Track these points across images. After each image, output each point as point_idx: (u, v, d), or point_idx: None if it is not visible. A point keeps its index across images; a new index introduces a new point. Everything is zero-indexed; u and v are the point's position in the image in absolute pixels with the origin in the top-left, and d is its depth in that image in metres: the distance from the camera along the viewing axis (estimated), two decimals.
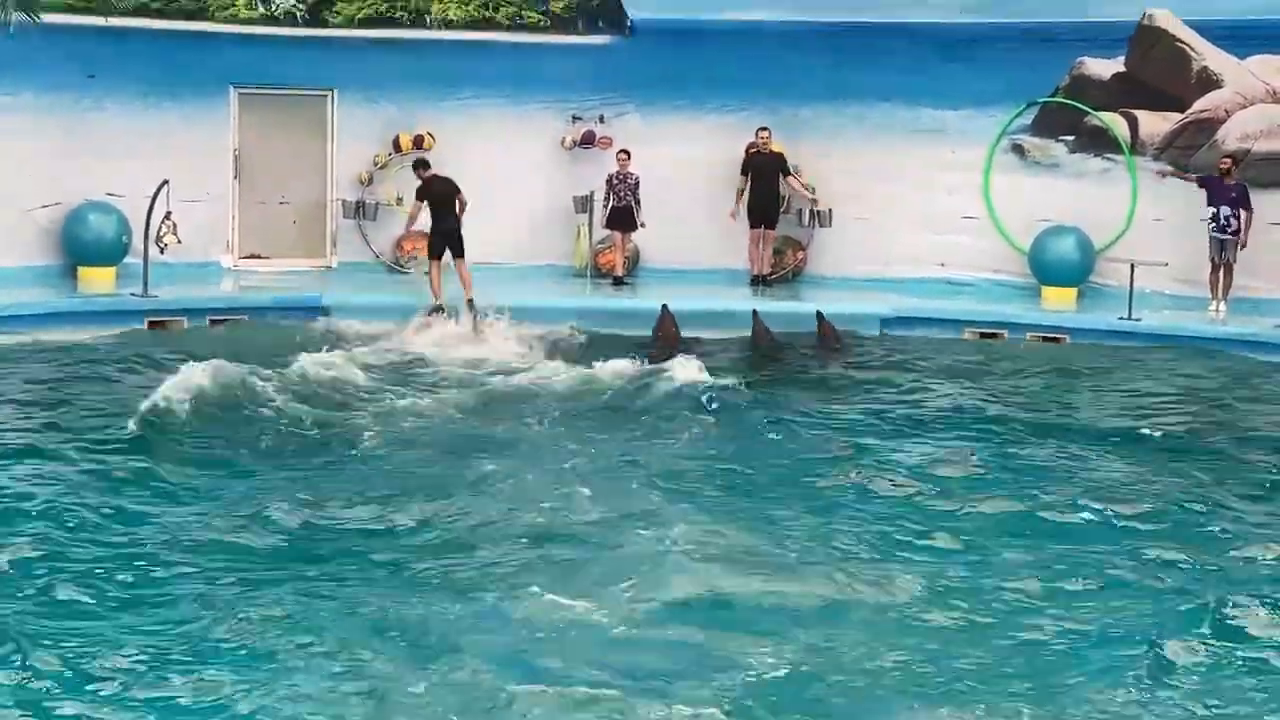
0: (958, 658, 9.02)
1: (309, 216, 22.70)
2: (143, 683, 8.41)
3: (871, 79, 22.65)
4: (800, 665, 8.81)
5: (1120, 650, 9.08)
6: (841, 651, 9.03)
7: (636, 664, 8.79)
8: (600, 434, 14.46)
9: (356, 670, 8.63)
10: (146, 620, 9.27)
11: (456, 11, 22.97)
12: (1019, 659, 9.01)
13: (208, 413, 14.28)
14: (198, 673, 8.52)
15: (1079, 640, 9.30)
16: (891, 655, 9.03)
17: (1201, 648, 9.09)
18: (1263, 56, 21.13)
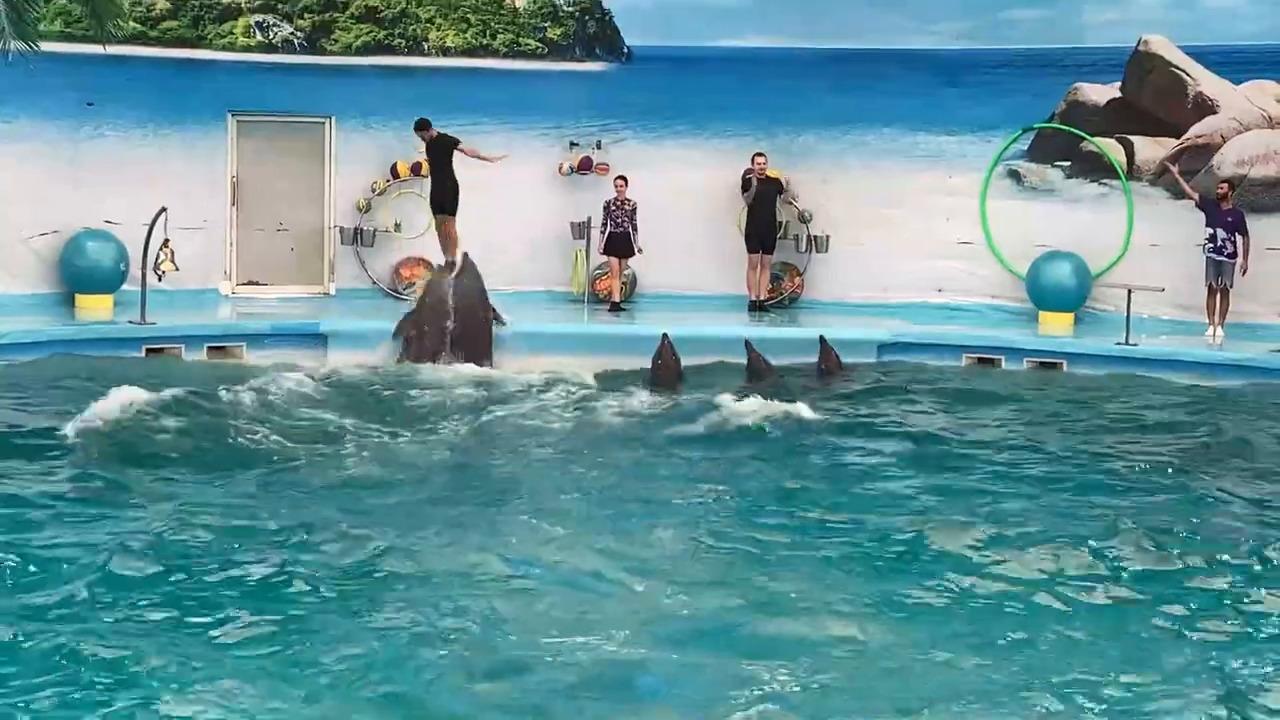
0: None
1: (307, 243, 22.73)
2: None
3: (869, 105, 22.74)
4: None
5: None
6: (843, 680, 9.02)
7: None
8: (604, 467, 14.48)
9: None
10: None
11: (454, 38, 23.04)
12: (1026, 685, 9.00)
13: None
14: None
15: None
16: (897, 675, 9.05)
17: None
18: (1258, 82, 21.19)
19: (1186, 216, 20.83)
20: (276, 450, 14.43)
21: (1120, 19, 21.76)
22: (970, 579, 10.81)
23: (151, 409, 14.99)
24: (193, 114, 21.94)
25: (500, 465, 14.34)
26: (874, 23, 22.65)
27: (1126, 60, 21.84)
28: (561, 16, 23.29)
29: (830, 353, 19.36)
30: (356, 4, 22.74)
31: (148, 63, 21.78)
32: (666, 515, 12.45)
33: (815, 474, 14.08)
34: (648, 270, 22.57)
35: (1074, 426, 16.42)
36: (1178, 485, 13.68)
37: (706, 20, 22.92)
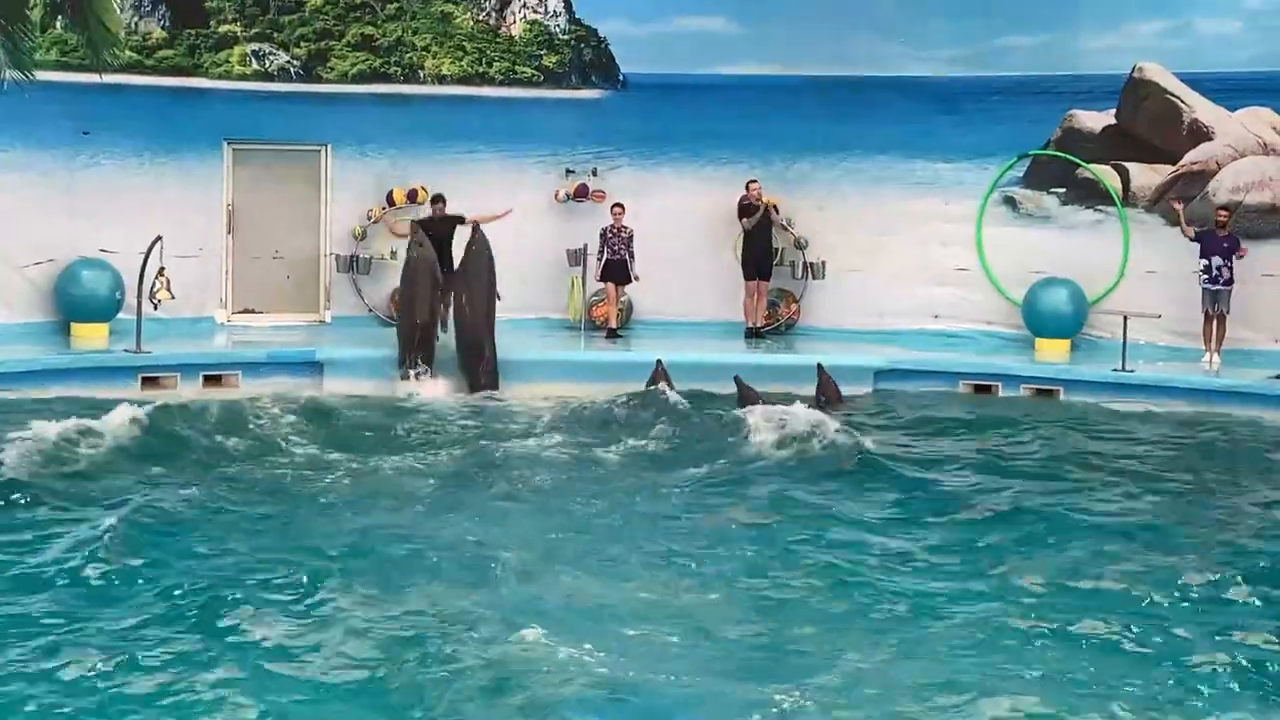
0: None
1: (303, 271, 22.72)
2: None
3: (864, 132, 22.77)
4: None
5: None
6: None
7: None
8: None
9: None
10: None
11: (450, 67, 23.07)
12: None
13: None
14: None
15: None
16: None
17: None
18: (1253, 109, 21.22)
19: (1182, 243, 20.84)
20: (272, 476, 14.44)
21: (1115, 46, 21.79)
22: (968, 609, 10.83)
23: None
24: (188, 142, 21.95)
25: (501, 495, 14.25)
26: (869, 50, 22.69)
27: (1121, 87, 21.87)
28: (557, 44, 23.33)
29: (829, 382, 19.26)
30: (352, 32, 22.77)
31: (144, 91, 21.80)
32: (669, 545, 12.42)
33: (819, 506, 14.00)
34: (644, 297, 22.57)
35: (1068, 453, 16.39)
36: (1173, 512, 13.65)
37: (701, 48, 22.96)
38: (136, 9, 21.85)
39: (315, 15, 22.67)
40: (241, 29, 22.41)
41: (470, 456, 15.77)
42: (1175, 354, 20.76)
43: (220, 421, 16.37)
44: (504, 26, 23.35)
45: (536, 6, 23.32)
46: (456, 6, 23.25)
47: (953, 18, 22.56)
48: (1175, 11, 21.67)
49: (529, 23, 23.30)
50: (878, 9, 22.74)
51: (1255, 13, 21.25)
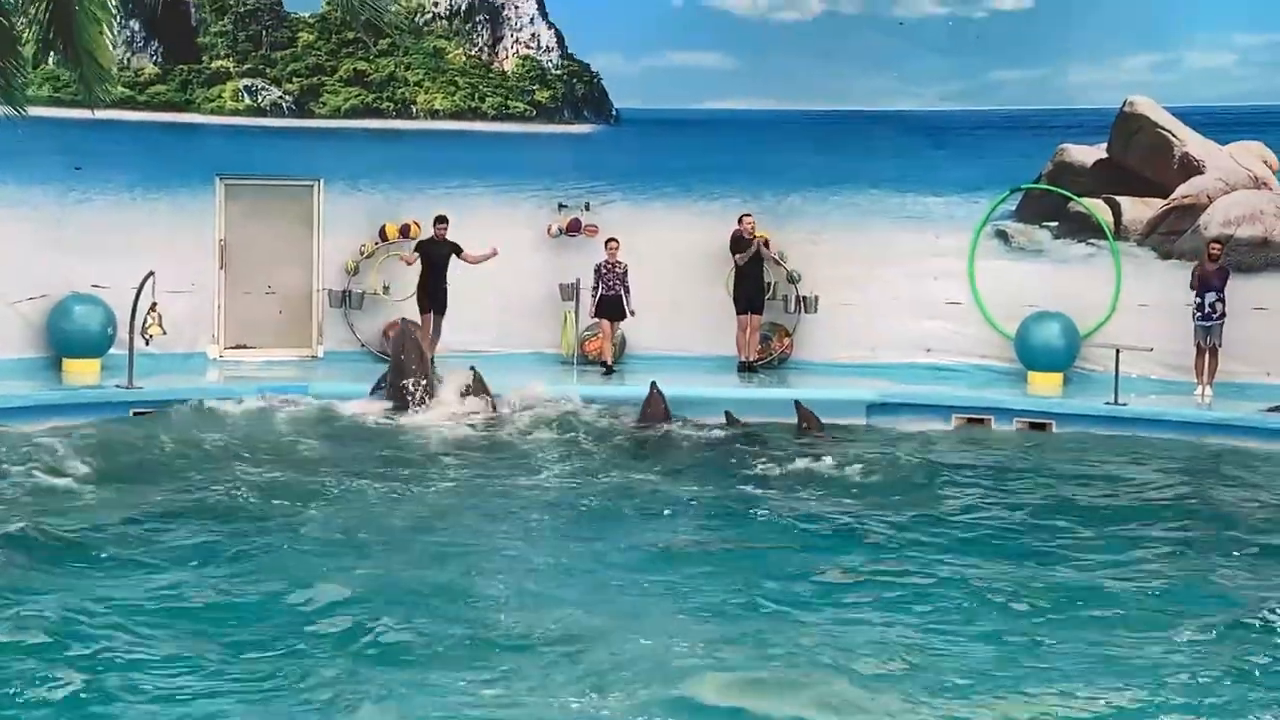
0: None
1: (295, 306, 22.74)
2: None
3: (856, 166, 22.83)
4: None
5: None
6: None
7: None
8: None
9: None
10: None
11: (442, 102, 23.11)
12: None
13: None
14: None
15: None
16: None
17: None
18: (1244, 142, 21.26)
19: (1175, 276, 20.91)
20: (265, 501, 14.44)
21: (1106, 80, 21.84)
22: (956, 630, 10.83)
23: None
24: (181, 177, 22.02)
25: (504, 521, 14.24)
26: (860, 84, 22.76)
27: (1112, 121, 21.92)
28: (550, 79, 23.38)
29: (807, 413, 19.26)
30: (345, 68, 22.82)
31: (136, 127, 21.87)
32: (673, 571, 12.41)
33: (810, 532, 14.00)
34: (636, 332, 22.56)
35: (1062, 487, 16.37)
36: (1161, 550, 13.63)
37: (693, 83, 23.00)
38: (129, 45, 21.93)
39: (308, 51, 22.72)
40: (234, 64, 22.47)
41: (468, 488, 15.77)
42: (1168, 387, 20.73)
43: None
44: (496, 62, 23.41)
45: (529, 42, 23.38)
46: (449, 42, 23.32)
47: (944, 52, 22.64)
48: (1166, 46, 21.72)
49: (521, 58, 23.36)
50: (869, 44, 22.82)
51: (1245, 47, 21.29)
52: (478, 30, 23.38)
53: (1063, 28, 22.01)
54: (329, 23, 22.60)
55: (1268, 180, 21.13)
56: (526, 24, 23.40)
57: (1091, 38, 21.89)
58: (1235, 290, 20.26)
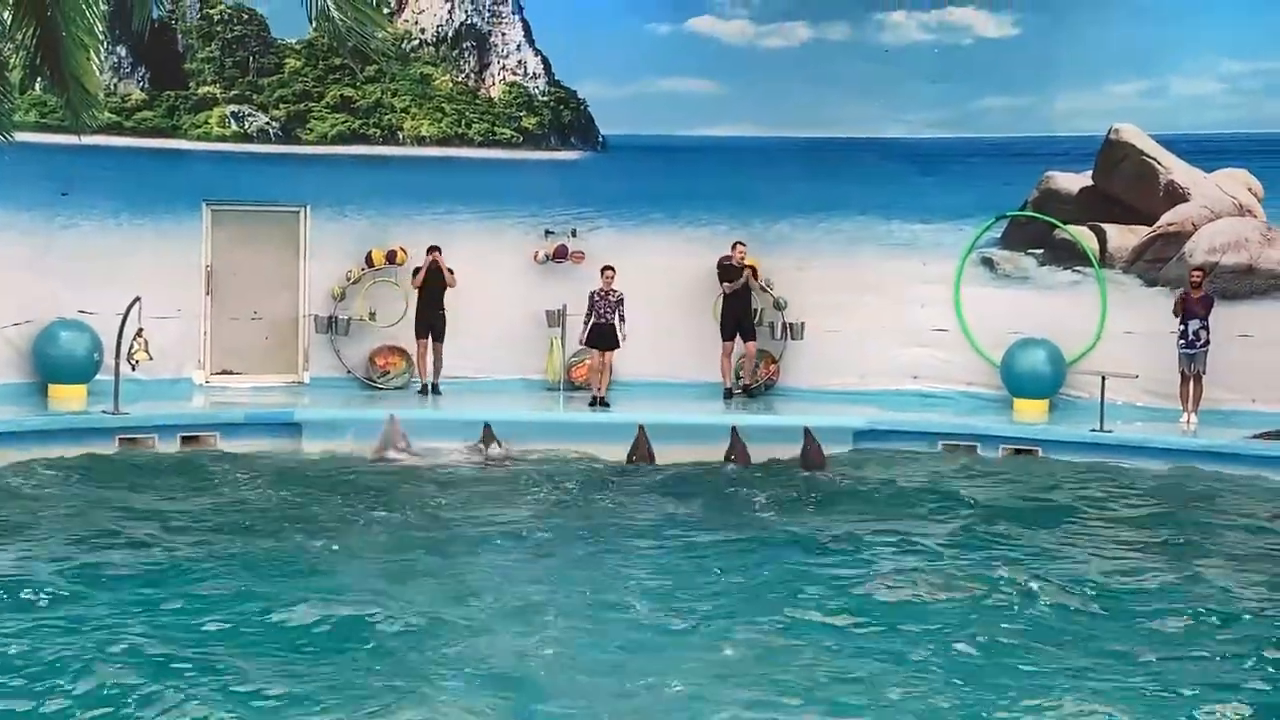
0: None
1: (281, 332, 22.72)
2: None
3: (843, 193, 22.88)
4: None
5: None
6: None
7: None
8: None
9: None
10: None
11: (429, 128, 23.13)
12: None
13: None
14: None
15: None
16: None
17: None
18: (1229, 170, 21.30)
19: (1160, 303, 20.94)
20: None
21: (1091, 108, 21.88)
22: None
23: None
24: (167, 203, 22.01)
25: (491, 555, 14.22)
26: (847, 112, 22.81)
27: (1098, 149, 21.97)
28: (536, 106, 23.41)
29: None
30: (331, 94, 22.83)
31: (123, 152, 21.86)
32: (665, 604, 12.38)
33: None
34: (623, 359, 22.54)
35: (1048, 515, 16.38)
36: (1149, 571, 13.65)
37: (680, 109, 23.06)
38: (116, 71, 21.94)
39: (294, 77, 22.74)
40: (221, 90, 22.47)
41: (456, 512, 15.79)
42: (1153, 414, 20.73)
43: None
44: (483, 88, 23.44)
45: (516, 68, 23.42)
46: (436, 68, 23.35)
47: (931, 80, 22.71)
48: (1151, 73, 21.78)
49: (508, 84, 23.39)
50: (856, 71, 22.89)
51: (1231, 75, 21.36)
52: (465, 57, 23.41)
53: (1048, 55, 22.09)
54: (316, 49, 22.61)
55: (1253, 208, 21.17)
56: (513, 51, 23.44)
57: (1077, 65, 21.96)
58: (1220, 317, 20.29)
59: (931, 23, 22.79)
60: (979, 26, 22.58)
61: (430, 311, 21.70)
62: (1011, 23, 22.47)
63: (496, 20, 23.45)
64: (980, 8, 22.56)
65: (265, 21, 22.67)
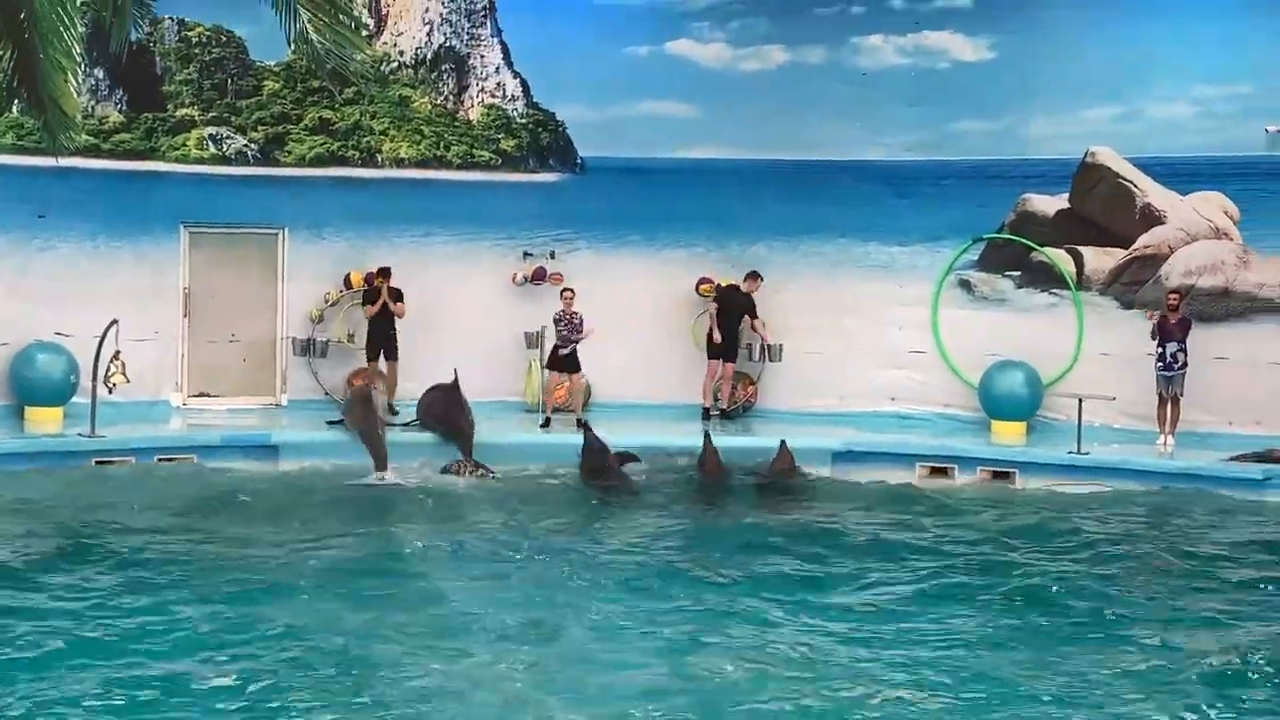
0: None
1: (259, 354, 22.68)
2: None
3: (820, 215, 22.93)
4: None
5: None
6: None
7: None
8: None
9: None
10: None
11: (408, 150, 23.13)
12: None
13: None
14: None
15: None
16: None
17: None
18: (1204, 193, 21.38)
19: (1137, 326, 21.00)
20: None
21: (1067, 131, 21.96)
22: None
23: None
24: (145, 225, 21.98)
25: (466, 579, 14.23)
26: (824, 134, 22.86)
27: (1074, 172, 22.05)
28: (515, 128, 23.43)
29: (787, 456, 19.33)
30: (310, 116, 22.82)
31: (100, 175, 21.82)
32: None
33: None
34: (601, 380, 22.57)
35: (1024, 537, 16.41)
36: (1119, 601, 13.68)
37: (659, 132, 23.09)
38: (94, 93, 21.91)
39: (273, 99, 22.72)
40: (199, 112, 22.45)
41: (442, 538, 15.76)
42: (1131, 436, 20.80)
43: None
44: (462, 110, 23.46)
45: (494, 91, 23.44)
46: (415, 91, 23.36)
47: (908, 103, 22.76)
48: (1126, 97, 21.86)
49: (487, 107, 23.41)
50: (834, 94, 22.95)
51: (1205, 99, 21.44)
52: (443, 79, 23.43)
53: (1024, 79, 22.17)
54: (294, 71, 22.59)
55: (1228, 230, 21.26)
56: (492, 73, 23.46)
57: (1053, 89, 22.05)
58: (1196, 340, 20.37)
59: (908, 46, 22.88)
60: (955, 50, 22.67)
61: (380, 333, 21.62)
62: (987, 46, 22.56)
63: (475, 43, 23.48)
64: (956, 31, 22.65)
65: (244, 44, 22.64)
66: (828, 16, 23.13)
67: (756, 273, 22.43)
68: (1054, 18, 22.10)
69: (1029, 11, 22.27)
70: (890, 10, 22.96)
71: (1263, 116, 20.85)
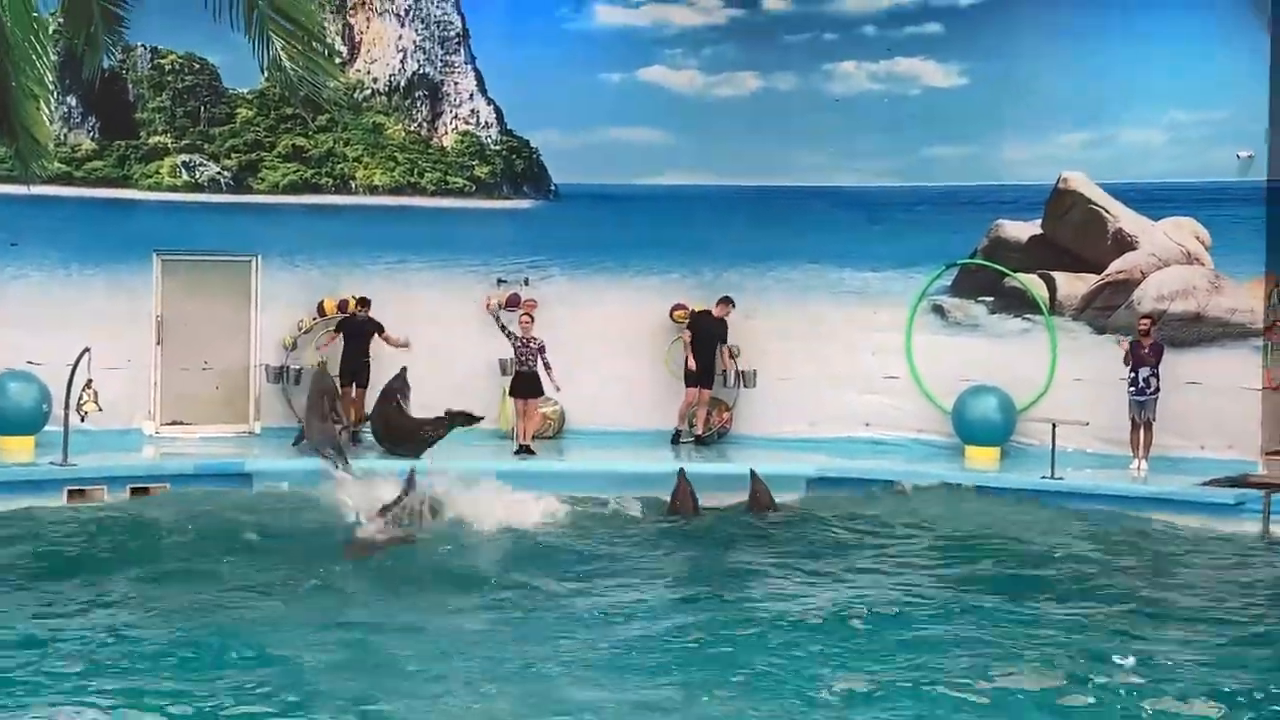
0: None
1: (232, 382, 22.62)
2: None
3: (793, 241, 22.96)
4: None
5: None
6: None
7: None
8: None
9: None
10: None
11: (381, 177, 23.13)
12: None
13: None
14: None
15: None
16: None
17: None
18: (1176, 219, 21.44)
19: (1109, 351, 21.05)
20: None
21: (1039, 157, 22.02)
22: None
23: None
24: (117, 253, 21.95)
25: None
26: (797, 160, 22.91)
27: (1047, 197, 22.12)
28: (489, 155, 23.44)
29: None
30: (283, 143, 22.81)
31: (73, 202, 21.80)
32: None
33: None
34: (574, 406, 22.57)
35: (992, 560, 16.44)
36: (1096, 625, 13.71)
37: (632, 158, 23.13)
38: (66, 120, 21.87)
39: (246, 126, 22.71)
40: (172, 140, 22.42)
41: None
42: (1104, 461, 20.82)
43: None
44: (436, 137, 23.47)
45: (468, 118, 23.46)
46: (388, 118, 23.36)
47: (880, 129, 22.84)
48: (1098, 123, 21.92)
49: (461, 133, 23.42)
50: (806, 120, 22.99)
51: (1177, 124, 21.52)
52: (417, 106, 23.44)
53: (996, 105, 22.23)
54: (267, 98, 22.59)
55: (1200, 256, 21.32)
56: (466, 100, 23.48)
57: (1025, 115, 22.10)
58: (1169, 365, 20.41)
59: (880, 73, 22.95)
60: (927, 77, 22.75)
61: (356, 361, 21.70)
62: (959, 73, 22.64)
63: (449, 70, 23.50)
64: (929, 58, 22.73)
65: (216, 71, 22.63)
66: (800, 43, 23.21)
67: (729, 298, 22.48)
68: (1025, 44, 22.18)
69: (1001, 38, 22.33)
70: (862, 37, 23.03)
71: (1234, 142, 20.91)
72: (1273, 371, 20.95)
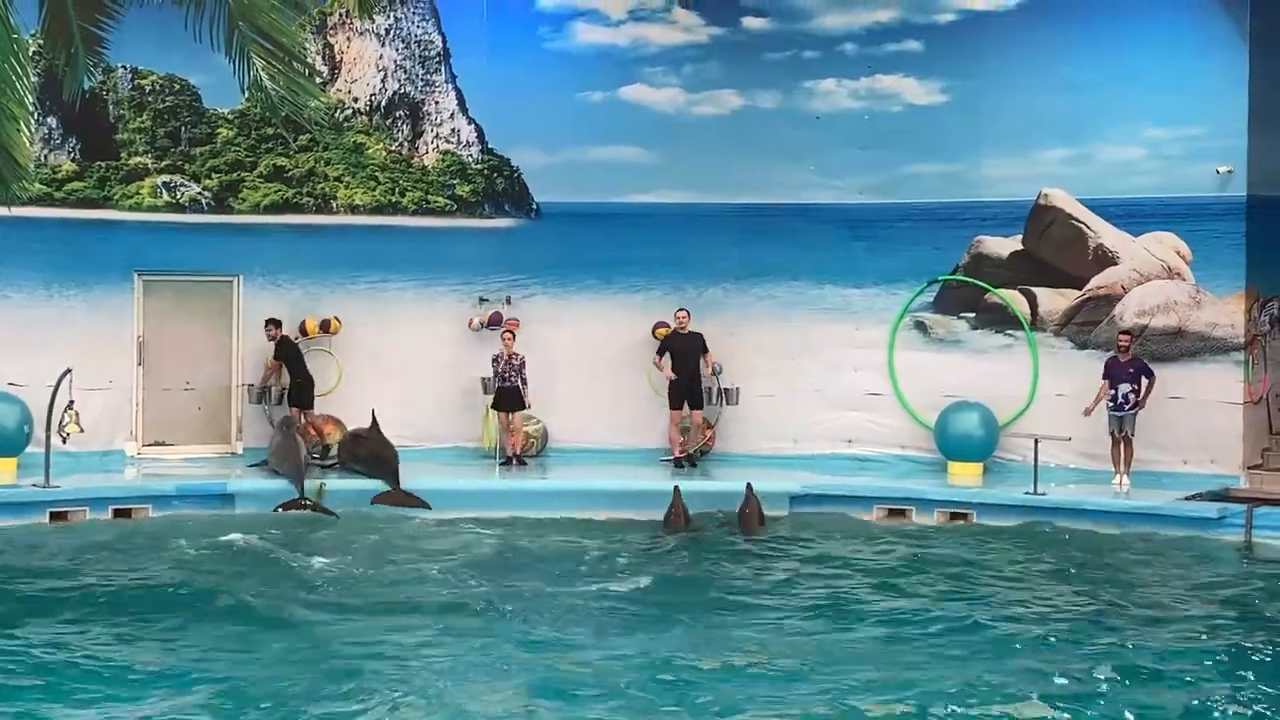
0: None
1: (214, 403, 22.59)
2: None
3: (776, 258, 22.99)
4: None
5: None
6: None
7: None
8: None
9: None
10: None
11: (362, 197, 23.12)
12: None
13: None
14: None
15: None
16: None
17: None
18: (1156, 234, 21.51)
19: (1091, 366, 21.08)
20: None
21: (1020, 173, 22.09)
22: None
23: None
24: (98, 274, 21.93)
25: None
26: (779, 177, 22.95)
27: (1028, 213, 22.17)
28: (470, 174, 23.45)
29: (754, 503, 19.33)
30: (264, 163, 22.80)
31: (53, 224, 21.80)
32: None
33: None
34: (558, 424, 22.58)
35: (979, 578, 16.44)
36: (1078, 640, 13.71)
37: (613, 176, 23.14)
38: (46, 141, 21.85)
39: (227, 146, 22.70)
40: (152, 160, 22.40)
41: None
42: (1086, 476, 20.86)
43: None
44: (417, 157, 23.46)
45: (449, 137, 23.46)
46: (369, 137, 23.36)
47: (861, 147, 22.89)
48: (1078, 139, 21.98)
49: (442, 153, 23.43)
50: (788, 138, 23.04)
51: (1156, 140, 21.58)
52: (398, 125, 23.44)
53: (977, 122, 22.28)
54: (248, 118, 22.59)
55: (1181, 271, 21.40)
56: (447, 119, 23.48)
57: (1005, 132, 22.17)
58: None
59: (861, 90, 23.01)
60: (908, 94, 22.81)
61: (303, 379, 21.84)
62: (940, 90, 22.70)
63: (430, 89, 23.51)
64: (909, 75, 22.79)
65: (197, 91, 22.62)
66: (780, 61, 23.26)
67: (682, 309, 22.32)
68: (1005, 61, 22.25)
69: (980, 55, 22.39)
70: (843, 55, 23.08)
71: (1213, 158, 20.99)
72: (1253, 386, 21.01)
